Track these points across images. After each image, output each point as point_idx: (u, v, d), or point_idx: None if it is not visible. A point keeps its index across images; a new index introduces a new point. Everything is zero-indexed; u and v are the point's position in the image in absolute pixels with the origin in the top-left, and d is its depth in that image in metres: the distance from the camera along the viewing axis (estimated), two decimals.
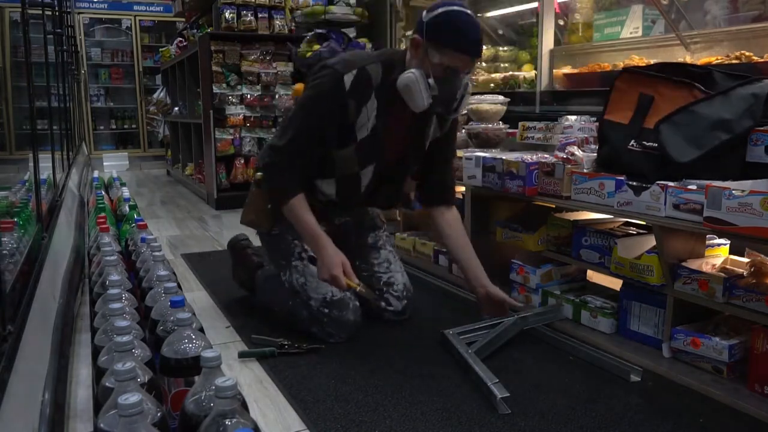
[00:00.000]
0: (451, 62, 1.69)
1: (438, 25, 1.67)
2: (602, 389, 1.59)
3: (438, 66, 1.69)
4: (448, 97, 1.74)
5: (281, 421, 1.44)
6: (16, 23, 2.45)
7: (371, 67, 1.77)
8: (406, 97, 1.73)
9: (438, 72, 1.70)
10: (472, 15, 1.70)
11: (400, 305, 2.07)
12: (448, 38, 1.67)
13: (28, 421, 0.94)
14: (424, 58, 1.70)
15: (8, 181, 2.28)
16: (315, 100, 1.79)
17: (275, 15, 4.57)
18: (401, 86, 1.72)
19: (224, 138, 4.43)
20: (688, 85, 1.74)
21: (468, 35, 1.68)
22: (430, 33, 1.68)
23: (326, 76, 1.76)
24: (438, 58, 1.68)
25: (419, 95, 1.70)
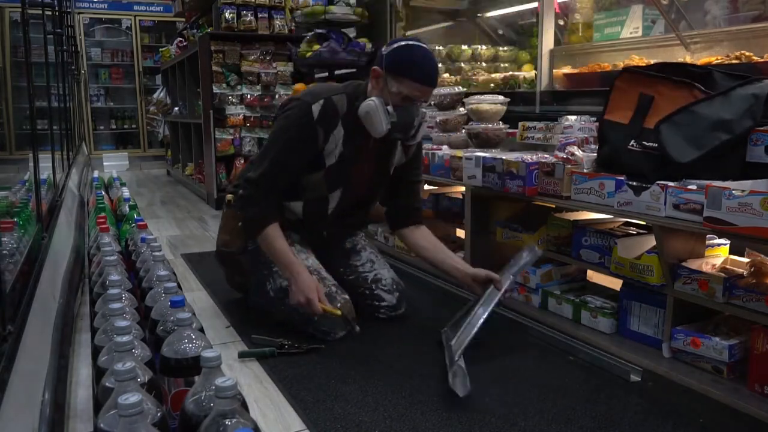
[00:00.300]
0: (408, 91, 1.81)
1: (397, 57, 1.81)
2: (602, 389, 1.59)
3: (396, 95, 1.82)
4: (405, 123, 1.86)
5: (281, 421, 1.44)
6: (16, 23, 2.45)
7: (337, 97, 1.90)
8: (367, 124, 1.84)
9: (396, 100, 1.82)
10: (428, 49, 1.85)
11: (393, 298, 2.07)
12: (406, 69, 1.80)
13: (28, 421, 0.94)
14: (384, 87, 1.83)
15: (8, 181, 2.28)
16: (286, 130, 1.90)
17: (275, 15, 4.57)
18: (362, 113, 1.83)
19: (224, 138, 4.43)
20: (688, 85, 1.74)
21: (424, 67, 1.81)
22: (390, 64, 1.81)
23: (295, 107, 1.90)
24: (396, 88, 1.81)
25: (378, 121, 1.81)
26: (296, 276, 1.84)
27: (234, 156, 4.49)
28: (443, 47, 3.81)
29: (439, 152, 2.56)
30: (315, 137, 1.88)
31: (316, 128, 1.87)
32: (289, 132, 1.89)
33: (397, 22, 3.90)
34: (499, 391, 1.57)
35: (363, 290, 2.07)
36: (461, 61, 3.74)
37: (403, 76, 1.80)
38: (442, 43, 3.85)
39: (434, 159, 2.56)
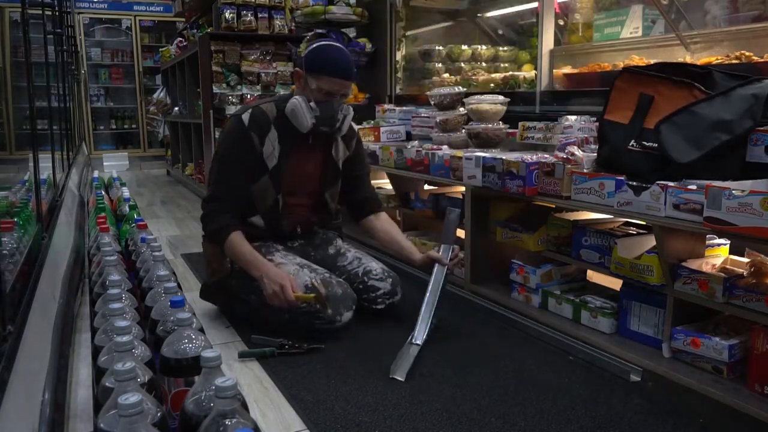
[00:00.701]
0: (327, 86, 1.98)
1: (313, 56, 2.00)
2: (602, 389, 1.59)
3: (318, 91, 1.98)
4: (328, 116, 2.01)
5: (281, 421, 1.44)
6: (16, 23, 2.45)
7: (265, 105, 2.06)
8: (294, 120, 2.00)
9: (318, 96, 1.99)
10: (342, 47, 2.06)
11: (387, 285, 2.09)
12: (322, 66, 1.98)
13: (28, 421, 0.94)
14: (305, 86, 2.02)
15: (8, 181, 2.28)
16: (223, 144, 2.08)
17: (275, 15, 4.57)
18: (288, 112, 2.00)
19: None
20: (688, 85, 1.74)
21: (339, 62, 1.99)
22: (308, 64, 2.00)
23: (228, 123, 2.12)
24: (316, 84, 1.98)
25: (303, 117, 1.97)
26: (267, 270, 1.92)
27: None
28: (443, 47, 3.81)
29: (439, 152, 2.56)
30: (250, 143, 2.01)
31: (249, 134, 2.00)
32: (225, 145, 2.06)
33: (397, 22, 3.90)
34: (499, 391, 1.57)
35: (357, 285, 2.08)
36: (461, 61, 3.74)
37: (320, 72, 1.97)
38: (442, 43, 3.85)
39: (434, 159, 2.56)
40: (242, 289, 2.04)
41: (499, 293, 2.23)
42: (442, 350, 1.84)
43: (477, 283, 2.33)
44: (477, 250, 2.34)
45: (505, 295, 2.20)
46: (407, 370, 1.66)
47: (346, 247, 2.27)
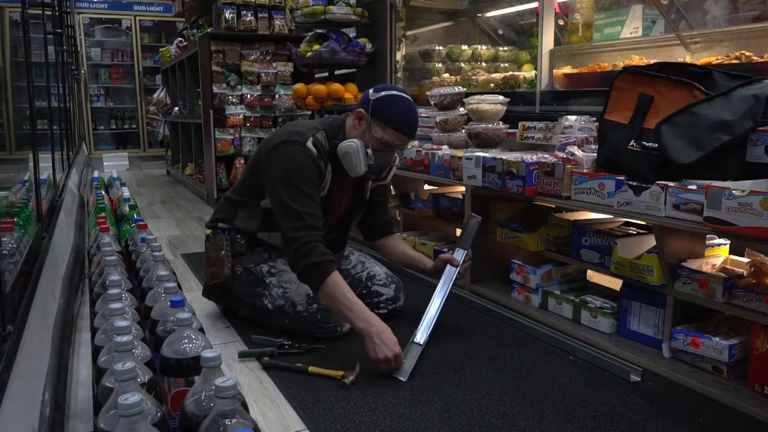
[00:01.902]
0: (390, 139, 1.89)
1: (384, 105, 1.88)
2: (602, 389, 1.59)
3: (377, 140, 1.90)
4: (381, 166, 1.96)
5: (281, 421, 1.44)
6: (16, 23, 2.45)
7: (319, 135, 1.94)
8: (345, 163, 1.91)
9: (376, 145, 1.90)
10: (411, 101, 1.93)
11: (390, 291, 2.09)
12: (392, 119, 1.88)
13: (28, 421, 0.94)
14: (366, 130, 1.91)
15: (8, 181, 2.27)
16: (295, 171, 1.86)
17: (275, 15, 4.57)
18: (341, 152, 1.90)
19: (224, 138, 4.43)
20: (687, 84, 1.74)
21: (408, 120, 1.90)
22: (376, 110, 1.88)
23: (293, 150, 1.87)
24: (380, 134, 1.89)
25: (357, 162, 1.89)
26: (376, 329, 1.68)
27: (234, 156, 4.50)
28: (443, 47, 3.81)
29: (439, 152, 2.56)
30: (321, 171, 1.91)
31: (319, 163, 1.90)
32: (300, 172, 1.85)
33: (397, 22, 3.90)
34: (499, 391, 1.57)
35: (360, 290, 2.08)
36: (461, 61, 3.73)
37: (388, 125, 1.87)
38: (442, 43, 3.85)
39: (434, 159, 2.56)
40: (245, 293, 2.03)
41: (499, 293, 2.23)
42: (442, 350, 1.84)
43: (477, 283, 2.33)
44: (477, 250, 2.33)
45: (505, 295, 2.20)
46: (410, 371, 1.66)
47: (349, 250, 2.26)
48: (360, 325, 1.69)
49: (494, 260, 2.35)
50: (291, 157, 1.87)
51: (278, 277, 2.00)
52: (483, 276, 2.35)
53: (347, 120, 1.98)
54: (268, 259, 2.05)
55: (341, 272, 2.13)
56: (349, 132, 1.95)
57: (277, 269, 2.02)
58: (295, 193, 1.84)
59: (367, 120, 1.89)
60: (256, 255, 2.07)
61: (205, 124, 4.49)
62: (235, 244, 2.06)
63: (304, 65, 4.20)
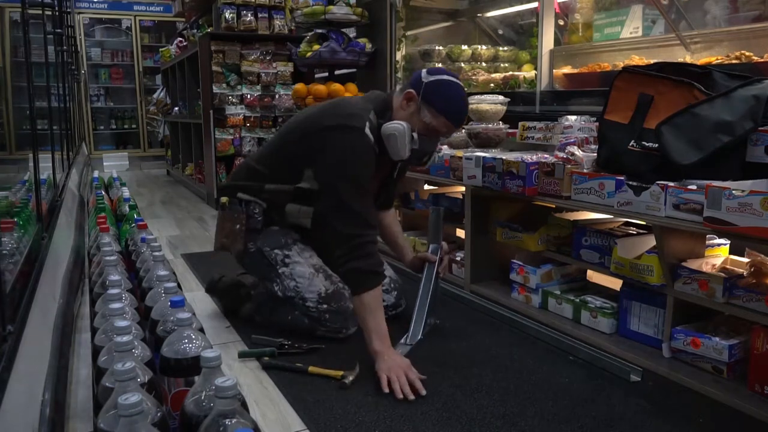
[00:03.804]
0: (438, 126, 1.82)
1: (439, 92, 1.79)
2: (602, 389, 1.59)
3: (425, 125, 1.82)
4: (423, 152, 1.90)
5: (281, 421, 1.44)
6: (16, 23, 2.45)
7: (371, 116, 1.83)
8: (389, 145, 1.82)
9: (422, 129, 1.82)
10: (463, 87, 1.86)
11: (391, 297, 2.09)
12: (445, 106, 1.80)
13: (28, 421, 0.94)
14: (415, 113, 1.82)
15: (8, 181, 2.27)
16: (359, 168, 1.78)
17: (275, 15, 4.57)
18: (386, 134, 1.81)
19: (224, 138, 4.43)
20: (687, 84, 1.74)
21: (461, 109, 1.85)
22: (428, 94, 1.79)
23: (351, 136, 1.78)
24: (429, 119, 1.81)
25: (402, 146, 1.80)
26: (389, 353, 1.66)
27: (234, 156, 4.49)
28: (443, 47, 3.81)
29: (439, 152, 2.56)
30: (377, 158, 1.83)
31: (375, 150, 1.82)
32: (359, 164, 1.78)
33: (397, 22, 3.90)
34: (500, 391, 1.57)
35: None
36: (461, 61, 3.73)
37: (439, 111, 1.79)
38: (442, 43, 3.85)
39: (434, 159, 2.56)
40: (256, 272, 2.02)
41: (499, 293, 2.23)
42: (442, 350, 1.84)
43: (477, 283, 2.33)
44: (477, 250, 2.34)
45: (505, 295, 2.20)
46: None
47: None
48: (374, 347, 1.67)
49: (494, 260, 2.35)
50: (352, 147, 1.78)
51: (291, 268, 1.94)
52: (483, 276, 2.35)
53: (394, 99, 1.88)
54: (283, 245, 1.97)
55: None
56: (397, 112, 1.85)
57: (291, 259, 1.95)
58: (354, 190, 1.76)
59: (417, 102, 1.80)
60: (271, 237, 1.99)
61: (205, 124, 4.49)
62: (251, 220, 1.98)
63: (304, 65, 4.20)
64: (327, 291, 1.91)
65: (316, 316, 1.90)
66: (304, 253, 1.98)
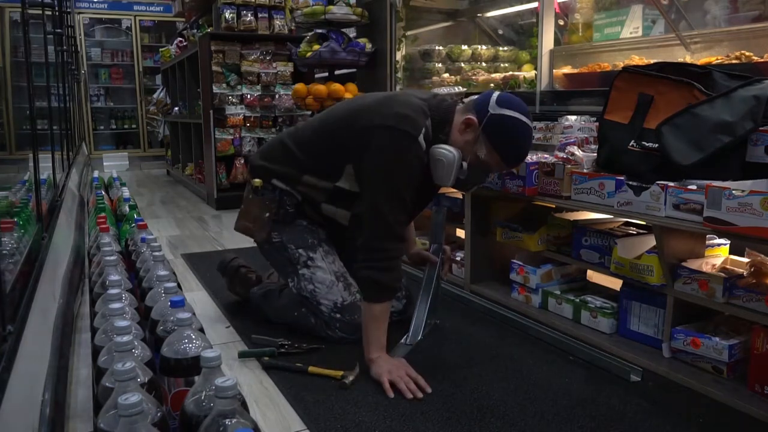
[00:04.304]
0: (492, 163, 1.70)
1: (502, 128, 1.66)
2: (602, 389, 1.59)
3: (477, 158, 1.70)
4: (469, 182, 1.77)
5: (281, 421, 1.44)
6: (16, 23, 2.45)
7: (428, 123, 1.72)
8: (433, 168, 1.71)
9: (474, 161, 1.70)
10: (532, 130, 1.71)
11: (400, 305, 2.08)
12: (505, 148, 1.68)
13: (28, 421, 0.94)
14: (470, 142, 1.69)
15: (8, 181, 2.27)
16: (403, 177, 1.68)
17: (275, 15, 4.57)
18: (434, 158, 1.69)
19: (224, 138, 4.43)
20: (687, 84, 1.74)
21: (522, 154, 1.73)
22: (491, 128, 1.66)
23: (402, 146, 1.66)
24: (484, 154, 1.69)
25: (447, 175, 1.69)
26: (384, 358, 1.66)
27: (234, 156, 4.50)
28: (443, 47, 3.81)
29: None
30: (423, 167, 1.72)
31: (424, 160, 1.71)
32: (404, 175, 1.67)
33: (397, 22, 3.90)
34: (499, 391, 1.57)
35: None
36: (461, 61, 3.74)
37: (496, 150, 1.67)
38: (442, 43, 3.85)
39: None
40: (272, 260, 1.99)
41: (499, 293, 2.23)
42: (443, 350, 1.84)
43: (477, 283, 2.33)
44: (477, 250, 2.34)
45: (505, 295, 2.20)
46: None
47: None
48: (372, 356, 1.66)
49: (494, 260, 2.35)
50: (399, 153, 1.66)
51: (312, 272, 1.89)
52: (483, 276, 2.35)
53: (456, 114, 1.74)
54: (309, 246, 1.91)
55: None
56: (453, 133, 1.72)
57: (314, 263, 1.90)
58: (391, 198, 1.66)
59: (477, 132, 1.67)
60: (298, 234, 1.93)
61: (205, 124, 4.49)
62: (281, 211, 1.90)
63: (304, 65, 4.20)
64: (344, 302, 1.88)
65: (327, 321, 1.89)
66: (327, 257, 1.93)
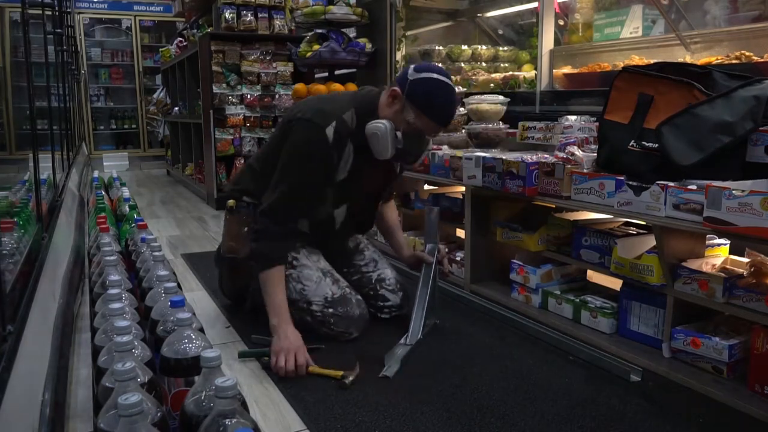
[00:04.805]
0: (423, 126, 1.79)
1: (423, 89, 1.76)
2: (602, 389, 1.59)
3: (409, 124, 1.78)
4: (409, 152, 1.85)
5: (281, 421, 1.44)
6: (16, 23, 2.45)
7: (347, 115, 1.83)
8: (372, 144, 1.80)
9: (407, 128, 1.79)
10: (454, 88, 1.81)
11: (397, 298, 2.08)
12: (428, 107, 1.76)
13: (28, 421, 0.94)
14: (399, 111, 1.79)
15: (8, 181, 2.28)
16: (301, 159, 1.81)
17: (275, 15, 4.57)
18: (369, 133, 1.79)
19: (224, 138, 4.43)
20: (687, 84, 1.74)
21: (446, 109, 1.81)
22: (413, 93, 1.76)
23: (308, 132, 1.80)
24: (413, 118, 1.77)
25: (384, 146, 1.78)
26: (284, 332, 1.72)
27: (234, 156, 4.50)
28: (443, 47, 3.81)
29: (439, 152, 2.56)
30: (331, 162, 1.83)
31: (332, 153, 1.81)
32: (304, 161, 1.81)
33: (397, 22, 3.90)
34: (499, 391, 1.57)
35: (368, 291, 2.07)
36: (461, 61, 3.74)
37: (423, 111, 1.76)
38: (442, 43, 3.85)
39: (434, 159, 2.56)
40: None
41: (499, 293, 2.23)
42: (442, 350, 1.84)
43: (477, 283, 2.33)
44: (477, 250, 2.34)
45: (505, 295, 2.20)
46: (395, 369, 1.67)
47: (365, 243, 2.21)
48: (272, 322, 1.76)
49: (494, 260, 2.35)
50: (304, 140, 1.81)
51: (299, 271, 1.92)
52: (483, 276, 2.35)
53: (381, 96, 1.85)
54: None
55: (352, 266, 2.13)
56: (382, 110, 1.82)
57: (299, 262, 1.94)
58: (287, 183, 1.81)
59: (402, 101, 1.78)
60: None
61: (205, 124, 4.49)
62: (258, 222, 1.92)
63: (304, 65, 4.20)
64: (333, 295, 1.90)
65: (321, 319, 1.89)
66: (311, 257, 1.98)
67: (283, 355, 1.67)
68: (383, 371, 1.66)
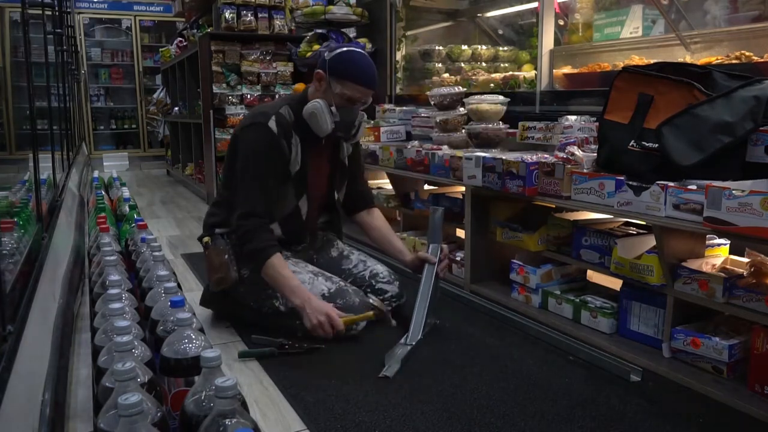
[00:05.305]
0: (350, 93, 1.94)
1: (339, 61, 1.94)
2: (602, 389, 1.59)
3: (339, 96, 1.94)
4: (348, 123, 2.00)
5: (281, 421, 1.44)
6: (16, 23, 2.45)
7: (283, 109, 1.99)
8: (312, 124, 1.96)
9: (339, 101, 1.95)
10: (367, 55, 2.00)
11: (395, 288, 2.10)
12: (349, 72, 1.93)
13: (28, 421, 0.94)
14: (327, 89, 1.96)
15: (8, 181, 2.28)
16: (253, 154, 1.95)
17: (275, 15, 4.57)
18: (307, 114, 1.95)
19: (224, 138, 4.42)
20: (687, 84, 1.74)
21: (365, 70, 1.95)
22: (333, 68, 1.94)
23: (254, 131, 1.96)
24: (339, 89, 1.94)
25: (324, 121, 1.93)
26: (309, 299, 1.84)
27: None
28: (443, 47, 3.81)
29: (439, 152, 2.56)
30: (281, 151, 1.96)
31: (280, 142, 1.95)
32: (257, 156, 1.94)
33: (397, 22, 3.90)
34: (499, 391, 1.57)
35: (364, 289, 2.08)
36: (461, 61, 3.73)
37: (345, 78, 1.92)
38: (442, 43, 3.85)
39: (434, 159, 2.56)
40: (252, 297, 1.99)
41: (499, 293, 2.23)
42: (442, 350, 1.84)
43: (477, 283, 2.33)
44: (477, 250, 2.34)
45: (505, 295, 2.20)
46: (396, 369, 1.67)
47: (348, 250, 2.25)
48: (296, 302, 1.84)
49: (494, 260, 2.35)
50: (251, 140, 1.96)
51: None
52: (483, 276, 2.35)
53: (309, 88, 2.05)
54: None
55: (342, 272, 2.15)
56: (312, 96, 1.99)
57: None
58: (248, 179, 1.93)
59: (326, 79, 1.95)
60: None
61: (205, 124, 4.49)
62: (236, 247, 1.99)
63: (304, 65, 4.20)
64: (330, 290, 1.95)
65: None
66: (299, 264, 2.03)
67: (316, 318, 1.80)
68: (383, 371, 1.66)
